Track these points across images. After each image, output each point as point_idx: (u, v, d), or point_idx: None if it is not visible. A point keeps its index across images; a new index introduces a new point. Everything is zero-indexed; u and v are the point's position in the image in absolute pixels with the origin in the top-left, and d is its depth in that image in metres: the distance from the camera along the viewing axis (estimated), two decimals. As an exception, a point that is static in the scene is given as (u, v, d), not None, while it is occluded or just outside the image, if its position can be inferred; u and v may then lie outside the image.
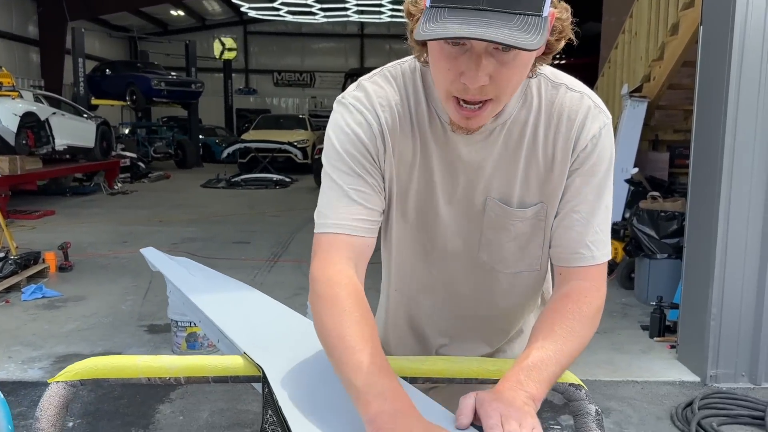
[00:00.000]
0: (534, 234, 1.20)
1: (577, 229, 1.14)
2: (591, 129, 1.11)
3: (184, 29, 24.30)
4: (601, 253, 1.15)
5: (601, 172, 1.13)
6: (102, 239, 7.62)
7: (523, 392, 0.97)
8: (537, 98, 1.12)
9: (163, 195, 12.20)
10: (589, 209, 1.14)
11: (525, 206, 1.17)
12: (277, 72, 26.07)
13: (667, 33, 6.12)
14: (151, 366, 1.21)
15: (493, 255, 1.23)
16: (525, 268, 1.25)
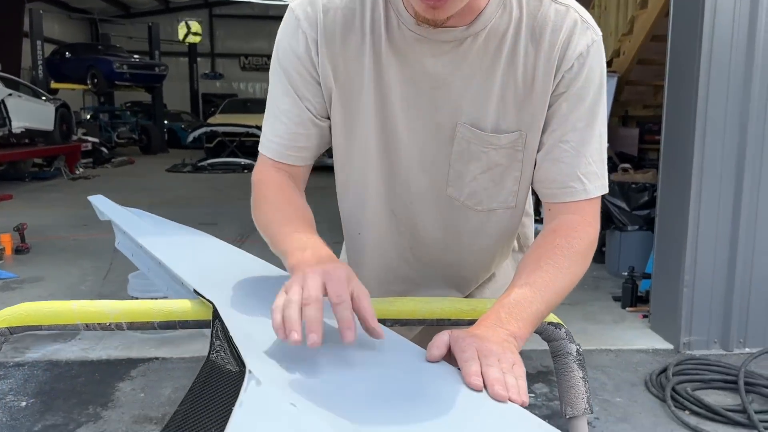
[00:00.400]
0: (510, 166, 1.07)
1: (567, 161, 1.03)
2: (577, 46, 0.99)
3: (147, 12, 23.67)
4: (594, 186, 1.04)
5: (590, 96, 1.01)
6: (61, 222, 7.36)
7: (504, 330, 0.86)
8: (518, 9, 1.00)
9: (127, 180, 11.89)
10: (579, 138, 1.02)
11: (500, 131, 1.04)
12: (244, 56, 25.61)
13: (636, 6, 6.09)
14: (88, 311, 1.08)
15: (464, 190, 1.10)
16: (499, 205, 1.12)
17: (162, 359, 3.44)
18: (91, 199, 2.05)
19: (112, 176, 12.46)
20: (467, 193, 1.10)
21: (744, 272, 3.52)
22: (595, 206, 1.06)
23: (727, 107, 3.44)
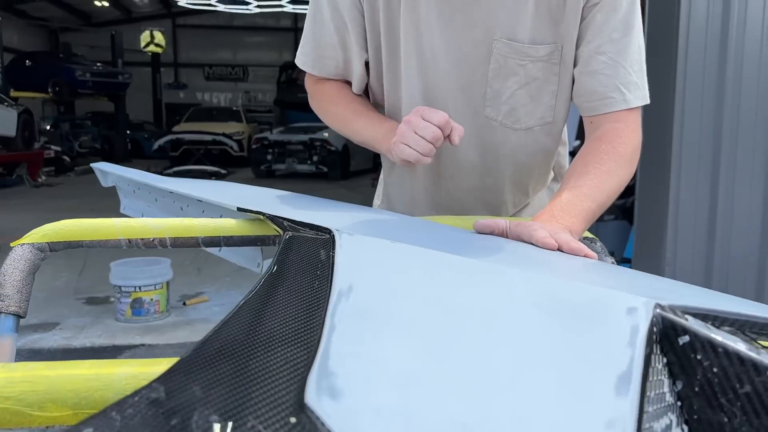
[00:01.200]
0: (547, 80, 1.09)
1: (606, 72, 1.04)
2: None
3: (109, 21, 23.27)
4: (635, 96, 1.06)
5: (623, 6, 1.04)
6: (27, 226, 7.05)
7: (558, 224, 0.88)
8: None
9: (91, 186, 11.54)
10: (615, 49, 1.04)
11: (536, 43, 1.06)
12: (208, 66, 25.37)
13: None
14: (131, 226, 1.07)
15: (501, 108, 1.11)
16: (537, 122, 1.13)
17: (148, 345, 3.37)
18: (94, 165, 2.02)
19: (77, 183, 12.17)
20: (505, 111, 1.11)
21: (723, 251, 3.63)
22: (637, 115, 1.08)
23: (702, 101, 3.55)
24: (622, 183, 1.02)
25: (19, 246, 1.04)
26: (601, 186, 0.98)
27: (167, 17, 23.97)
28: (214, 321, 3.71)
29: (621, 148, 1.02)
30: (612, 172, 1.00)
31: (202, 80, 25.41)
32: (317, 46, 1.16)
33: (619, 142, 1.03)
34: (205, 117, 17.28)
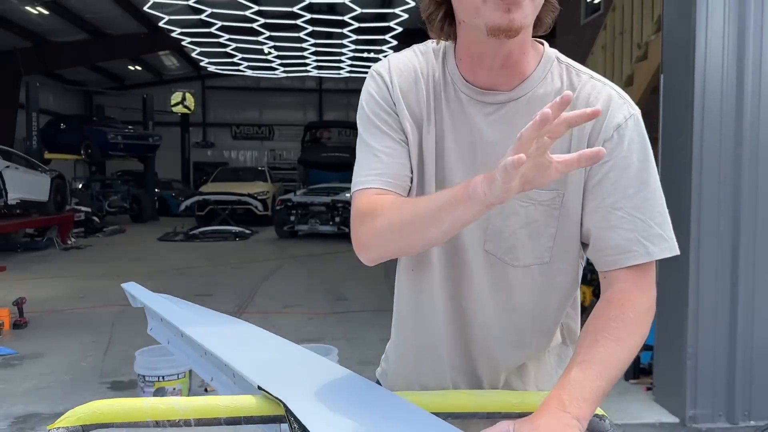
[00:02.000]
0: (546, 223, 1.12)
1: (626, 227, 1.05)
2: (615, 117, 1.06)
3: (142, 84, 24.17)
4: (660, 248, 1.06)
5: (635, 163, 1.06)
6: (57, 295, 7.32)
7: (567, 414, 0.91)
8: (559, 80, 1.11)
9: (119, 249, 11.88)
10: (633, 204, 1.05)
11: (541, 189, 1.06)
12: (235, 125, 26.05)
13: (622, 84, 6.38)
14: (158, 408, 1.13)
15: (502, 245, 1.14)
16: (534, 260, 1.15)
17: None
18: (124, 286, 2.11)
19: (105, 245, 12.44)
20: (505, 248, 1.14)
21: (745, 343, 3.60)
22: (650, 273, 1.07)
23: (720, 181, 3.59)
24: (635, 350, 1.03)
25: (54, 430, 1.10)
26: (611, 360, 0.99)
27: (197, 79, 24.81)
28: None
29: (631, 313, 1.03)
30: (622, 342, 1.01)
31: (230, 139, 26.04)
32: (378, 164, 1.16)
33: (628, 306, 1.03)
34: (231, 177, 17.65)
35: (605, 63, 6.78)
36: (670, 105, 3.86)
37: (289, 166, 22.53)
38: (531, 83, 1.10)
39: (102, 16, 16.28)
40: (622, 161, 1.06)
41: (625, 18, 6.35)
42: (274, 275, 8.78)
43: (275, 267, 9.59)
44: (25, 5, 14.46)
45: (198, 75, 24.22)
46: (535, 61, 1.11)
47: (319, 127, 19.73)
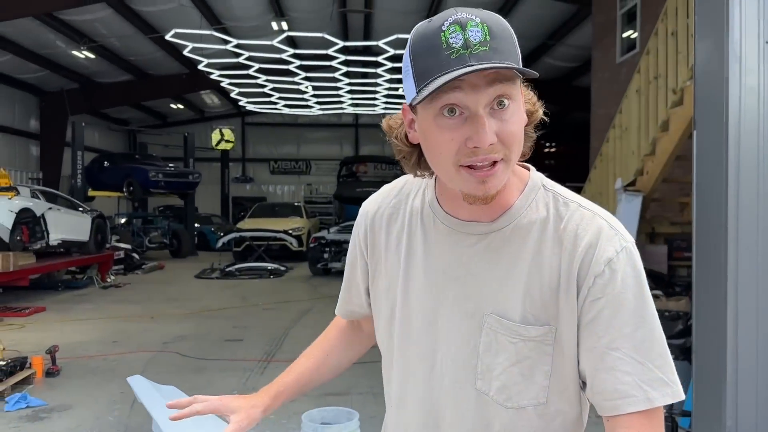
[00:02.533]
0: (539, 360, 1.05)
1: (624, 369, 0.98)
2: (605, 251, 1.00)
3: (184, 121, 24.84)
4: (661, 393, 0.98)
5: (630, 300, 1.00)
6: (91, 338, 7.42)
7: None
8: (545, 209, 1.06)
9: (156, 287, 12.04)
10: (630, 345, 0.99)
11: (528, 323, 1.04)
12: (273, 160, 26.48)
13: (657, 129, 6.23)
14: None
15: (493, 383, 1.07)
16: (529, 402, 1.07)
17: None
18: (130, 381, 2.09)
19: (142, 283, 12.64)
20: (496, 387, 1.07)
21: (789, 417, 3.38)
22: (655, 418, 1.00)
23: (758, 235, 3.43)
24: None
25: None
26: None
27: (237, 116, 25.37)
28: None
29: None
30: None
31: (268, 174, 26.45)
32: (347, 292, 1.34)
33: None
34: (268, 212, 17.87)
35: (640, 108, 6.64)
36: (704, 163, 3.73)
37: (326, 200, 22.68)
38: (513, 214, 1.06)
39: (145, 58, 16.84)
40: (616, 298, 1.00)
41: (659, 62, 6.22)
42: (304, 317, 8.75)
43: (306, 308, 9.57)
44: (72, 50, 15.04)
45: (238, 112, 24.76)
46: (518, 190, 1.08)
47: (354, 161, 19.85)
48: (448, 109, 0.95)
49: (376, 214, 1.20)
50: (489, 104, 0.95)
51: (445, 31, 0.93)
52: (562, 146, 14.43)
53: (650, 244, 6.98)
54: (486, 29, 0.93)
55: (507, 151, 0.97)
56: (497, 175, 0.97)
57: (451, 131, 0.95)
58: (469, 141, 0.94)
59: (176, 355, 6.56)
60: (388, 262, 1.17)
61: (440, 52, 0.92)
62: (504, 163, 0.97)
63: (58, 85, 17.80)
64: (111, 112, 21.76)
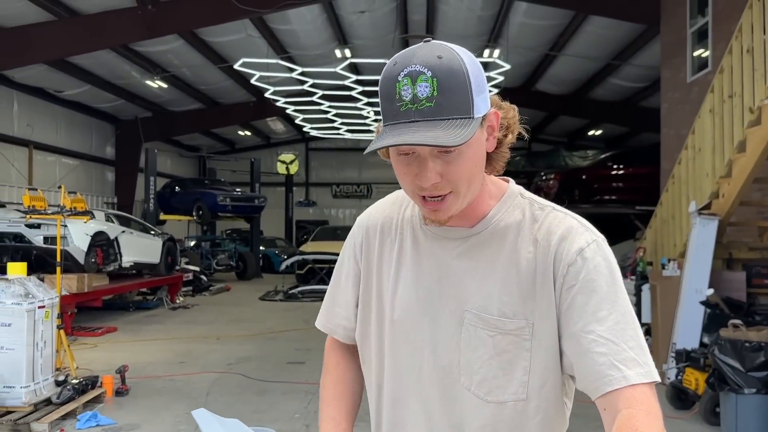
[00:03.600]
0: (518, 355, 1.12)
1: (598, 350, 1.05)
2: (575, 243, 1.11)
3: (250, 147, 25.56)
4: (636, 372, 1.03)
5: (602, 286, 1.08)
6: (159, 359, 7.62)
7: None
8: (521, 215, 1.17)
9: (222, 309, 12.31)
10: (603, 328, 1.05)
11: (505, 317, 1.12)
12: (335, 184, 26.85)
13: (734, 150, 5.95)
14: None
15: (474, 377, 1.14)
16: (510, 397, 1.13)
17: None
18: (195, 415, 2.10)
19: (210, 305, 12.95)
20: (477, 381, 1.14)
21: None
22: (647, 395, 1.01)
23: None
24: None
25: None
26: None
27: (301, 142, 25.93)
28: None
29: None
30: None
31: (330, 198, 26.83)
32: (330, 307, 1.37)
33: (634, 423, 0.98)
34: (330, 236, 18.03)
35: (714, 128, 6.36)
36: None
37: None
38: (489, 220, 1.17)
39: (215, 87, 17.46)
40: (588, 284, 1.08)
41: (734, 80, 5.96)
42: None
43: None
44: (146, 80, 15.75)
45: (302, 138, 25.28)
46: (496, 199, 1.19)
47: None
48: (400, 152, 1.07)
49: (369, 225, 1.30)
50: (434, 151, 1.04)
51: (399, 82, 1.02)
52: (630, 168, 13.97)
53: (727, 270, 6.62)
54: (434, 84, 1.00)
55: (454, 186, 1.07)
56: (446, 206, 1.08)
57: (404, 167, 1.08)
58: (416, 177, 1.07)
59: (240, 377, 6.64)
60: (382, 267, 1.26)
61: (393, 100, 1.02)
62: (453, 195, 1.08)
63: (132, 114, 18.64)
64: (182, 139, 22.61)
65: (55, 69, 13.97)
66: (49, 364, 5.50)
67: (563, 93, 18.14)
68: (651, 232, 8.27)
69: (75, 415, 5.23)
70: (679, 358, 5.55)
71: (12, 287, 5.26)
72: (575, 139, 23.11)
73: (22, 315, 5.18)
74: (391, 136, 1.01)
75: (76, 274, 9.31)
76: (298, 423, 5.14)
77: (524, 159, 18.39)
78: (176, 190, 18.00)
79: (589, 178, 14.23)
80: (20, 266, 5.54)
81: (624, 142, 21.40)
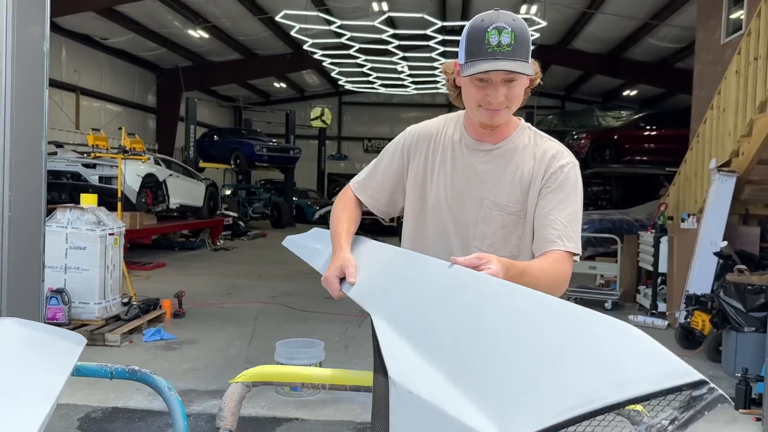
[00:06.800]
0: (515, 228, 1.72)
1: (552, 226, 1.65)
2: (560, 161, 1.71)
3: (285, 99, 25.96)
4: (571, 245, 1.64)
5: (567, 190, 1.68)
6: (208, 290, 8.30)
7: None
8: (528, 140, 1.76)
9: (260, 252, 12.99)
10: (561, 216, 1.66)
11: (511, 203, 1.71)
12: (367, 139, 27.21)
13: (755, 110, 6.24)
14: (304, 374, 1.61)
15: (485, 242, 1.72)
16: (507, 254, 1.67)
17: (301, 420, 3.96)
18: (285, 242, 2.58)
19: (248, 248, 13.64)
20: (487, 244, 1.72)
21: None
22: (569, 261, 1.64)
23: None
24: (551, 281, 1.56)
25: (234, 384, 1.60)
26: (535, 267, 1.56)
27: (335, 95, 26.24)
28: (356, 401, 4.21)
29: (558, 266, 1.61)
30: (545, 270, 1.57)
31: (361, 152, 27.21)
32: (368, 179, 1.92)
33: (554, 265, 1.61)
34: (362, 188, 18.52)
35: (738, 89, 6.63)
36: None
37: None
38: (508, 141, 1.76)
39: (253, 38, 17.82)
40: (559, 187, 1.68)
41: (760, 43, 6.21)
42: (397, 285, 9.30)
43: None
44: (188, 29, 16.19)
45: (336, 91, 25.59)
46: (513, 128, 1.77)
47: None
48: (479, 79, 1.60)
49: (421, 134, 1.85)
50: (503, 79, 1.59)
51: (488, 32, 1.55)
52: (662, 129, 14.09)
53: (743, 225, 6.97)
54: (513, 36, 1.54)
55: (509, 103, 1.64)
56: (501, 114, 1.65)
57: (479, 89, 1.62)
58: (488, 96, 1.61)
59: (283, 307, 7.28)
60: (426, 166, 1.80)
61: (482, 44, 1.56)
62: (507, 109, 1.65)
63: (173, 63, 19.15)
64: (219, 90, 23.10)
65: (101, 16, 14.47)
66: (117, 286, 6.17)
67: (599, 52, 18.11)
68: (674, 189, 8.60)
69: (141, 331, 5.91)
70: (688, 302, 5.99)
71: (86, 215, 5.89)
72: (610, 99, 23.00)
73: (95, 240, 5.82)
74: (487, 63, 1.55)
75: (129, 213, 9.99)
76: (338, 344, 5.74)
77: (557, 118, 18.50)
78: (215, 139, 18.59)
79: (620, 138, 14.38)
80: (92, 197, 6.16)
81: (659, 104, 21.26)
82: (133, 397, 4.28)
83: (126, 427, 3.81)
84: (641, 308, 7.71)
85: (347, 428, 3.90)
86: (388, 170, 1.87)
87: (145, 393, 4.36)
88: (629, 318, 7.27)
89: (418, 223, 1.82)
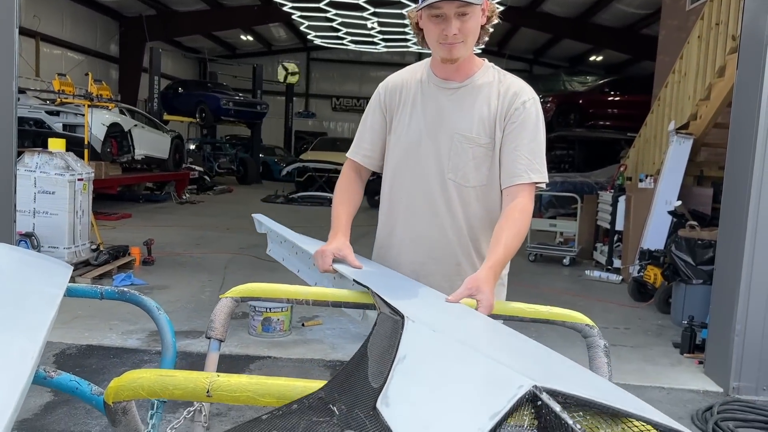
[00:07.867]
0: (485, 158, 1.87)
1: (518, 160, 1.82)
2: (522, 97, 1.86)
3: (252, 53, 25.50)
4: (537, 177, 1.81)
5: (531, 125, 1.84)
6: (176, 241, 8.33)
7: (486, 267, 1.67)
8: (492, 75, 1.91)
9: (227, 206, 12.99)
10: (527, 149, 1.82)
11: (480, 136, 1.86)
12: (335, 97, 27.03)
13: (714, 75, 6.48)
14: (290, 291, 1.73)
15: (458, 173, 1.88)
16: (478, 183, 1.88)
17: (273, 358, 4.12)
18: (255, 216, 2.74)
19: (214, 202, 13.61)
20: (460, 175, 1.88)
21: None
22: (532, 192, 1.83)
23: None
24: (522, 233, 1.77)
25: (224, 299, 1.72)
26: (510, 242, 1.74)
27: (303, 51, 25.87)
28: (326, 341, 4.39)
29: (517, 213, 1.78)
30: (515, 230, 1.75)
31: (329, 110, 27.06)
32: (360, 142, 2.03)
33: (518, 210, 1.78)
34: (330, 146, 18.49)
35: (699, 53, 6.86)
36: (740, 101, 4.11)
37: (385, 138, 23.08)
38: (474, 78, 1.90)
39: (221, -12, 17.41)
40: (523, 121, 1.83)
41: (722, 9, 6.41)
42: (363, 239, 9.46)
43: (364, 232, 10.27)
44: (154, -23, 15.74)
45: (304, 47, 25.23)
46: (478, 67, 1.91)
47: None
48: (435, 15, 1.74)
49: (390, 85, 1.99)
50: (456, 13, 1.72)
51: None
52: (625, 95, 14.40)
53: (697, 186, 7.29)
54: None
55: (464, 37, 1.77)
56: (458, 48, 1.78)
57: (435, 25, 1.76)
58: (443, 30, 1.75)
59: (252, 258, 7.38)
60: (400, 110, 1.94)
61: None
62: (463, 43, 1.78)
63: (137, 11, 18.62)
64: (183, 41, 22.55)
65: (63, -40, 13.97)
66: (86, 231, 6.18)
67: (568, 15, 18.24)
68: (634, 151, 8.89)
69: (110, 276, 5.96)
70: (642, 257, 6.30)
71: (54, 159, 5.86)
72: (577, 64, 23.24)
73: (64, 185, 5.81)
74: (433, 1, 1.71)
75: (94, 162, 9.86)
76: (307, 292, 5.88)
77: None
78: (179, 92, 18.28)
79: (584, 103, 14.66)
80: (60, 142, 6.11)
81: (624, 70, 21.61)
82: (107, 336, 4.37)
83: (102, 363, 3.92)
84: (597, 264, 8.04)
85: (318, 365, 4.08)
86: (374, 127, 2.00)
87: (119, 332, 4.46)
88: (585, 273, 7.59)
89: (398, 164, 1.96)
